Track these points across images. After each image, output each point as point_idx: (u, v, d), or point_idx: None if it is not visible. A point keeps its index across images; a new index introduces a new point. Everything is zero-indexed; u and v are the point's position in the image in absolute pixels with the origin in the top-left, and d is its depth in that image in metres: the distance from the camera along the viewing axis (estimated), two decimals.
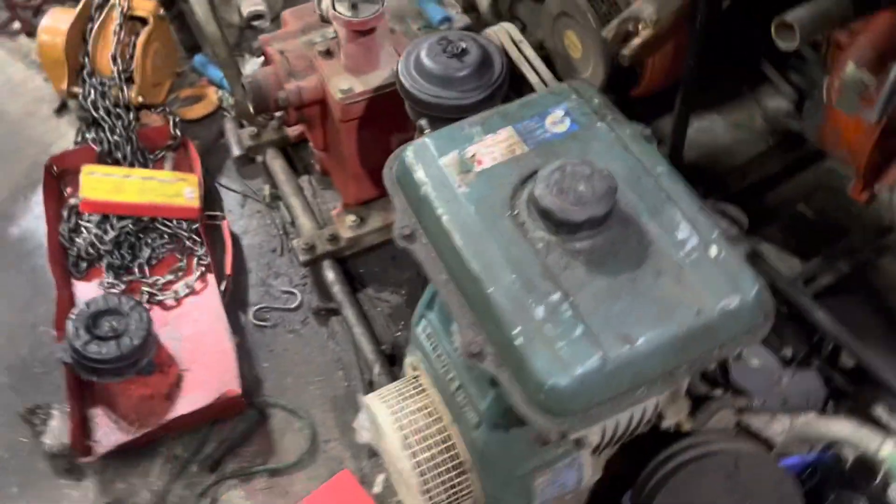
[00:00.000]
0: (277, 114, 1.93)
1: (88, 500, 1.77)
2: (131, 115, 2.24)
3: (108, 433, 1.85)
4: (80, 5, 2.27)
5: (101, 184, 2.07)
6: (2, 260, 2.17)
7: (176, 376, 1.93)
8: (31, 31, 2.63)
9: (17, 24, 2.71)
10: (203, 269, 2.07)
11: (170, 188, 2.12)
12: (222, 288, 2.02)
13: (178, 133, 2.27)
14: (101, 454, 1.79)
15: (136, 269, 2.08)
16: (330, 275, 1.97)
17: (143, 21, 2.30)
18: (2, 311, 2.07)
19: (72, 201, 2.16)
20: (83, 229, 2.12)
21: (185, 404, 1.87)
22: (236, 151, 2.24)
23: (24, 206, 2.26)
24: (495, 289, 1.12)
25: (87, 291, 2.06)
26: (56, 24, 2.26)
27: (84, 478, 1.80)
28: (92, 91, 2.23)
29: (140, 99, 2.27)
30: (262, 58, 1.96)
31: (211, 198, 2.26)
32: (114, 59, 2.23)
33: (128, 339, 1.82)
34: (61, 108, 2.43)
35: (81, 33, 2.26)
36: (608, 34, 1.69)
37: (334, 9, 1.59)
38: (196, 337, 1.98)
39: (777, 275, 1.82)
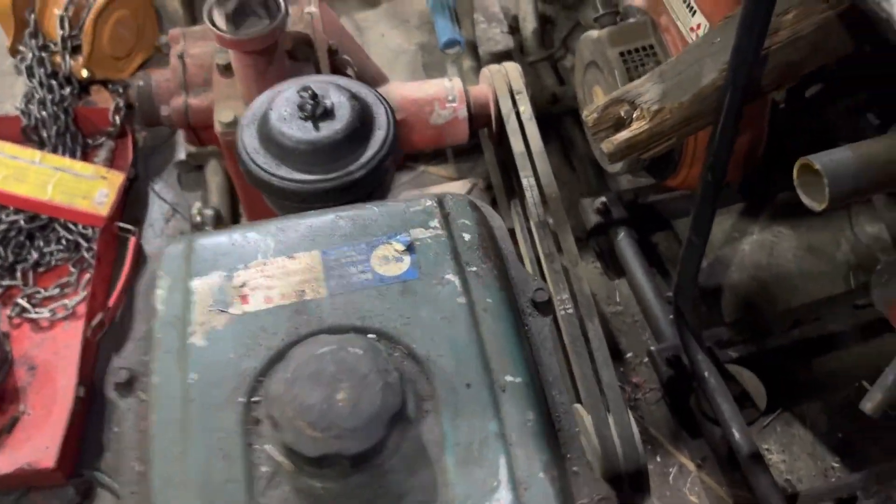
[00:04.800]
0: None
1: None
2: (67, 91, 1.91)
3: None
4: None
5: (1, 166, 1.76)
6: None
7: (11, 418, 1.58)
8: None
9: None
10: (87, 292, 1.72)
11: (82, 185, 1.76)
12: (95, 321, 1.66)
13: (118, 120, 1.92)
14: None
15: (19, 274, 1.76)
16: None
17: None
18: None
19: None
20: None
21: (2, 461, 1.52)
22: (180, 155, 1.87)
23: None
24: None
25: None
26: None
27: None
28: (30, 55, 1.92)
29: (85, 73, 1.93)
30: None
31: (139, 203, 1.90)
32: (61, 21, 1.90)
33: None
34: None
35: None
36: (589, 117, 1.18)
37: (210, 19, 1.15)
38: (49, 374, 1.64)
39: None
